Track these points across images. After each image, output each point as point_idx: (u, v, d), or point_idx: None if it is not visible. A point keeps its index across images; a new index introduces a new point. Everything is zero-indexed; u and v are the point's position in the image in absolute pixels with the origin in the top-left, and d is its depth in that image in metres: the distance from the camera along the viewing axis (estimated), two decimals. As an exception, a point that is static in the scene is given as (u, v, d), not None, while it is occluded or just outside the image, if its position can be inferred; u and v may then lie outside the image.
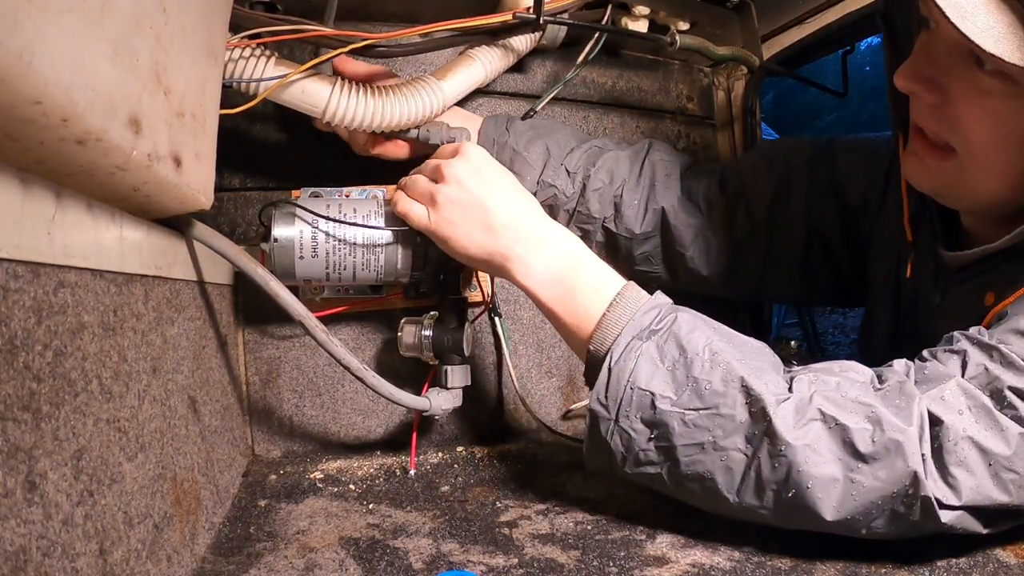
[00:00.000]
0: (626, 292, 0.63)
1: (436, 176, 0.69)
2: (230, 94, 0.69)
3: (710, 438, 0.55)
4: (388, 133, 0.80)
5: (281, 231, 0.71)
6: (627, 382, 0.57)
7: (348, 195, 0.80)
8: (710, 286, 0.91)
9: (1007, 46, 0.51)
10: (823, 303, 1.19)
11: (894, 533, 0.53)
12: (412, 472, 0.78)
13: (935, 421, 0.51)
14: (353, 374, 0.68)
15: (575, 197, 0.88)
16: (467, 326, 0.77)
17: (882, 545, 0.55)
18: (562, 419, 0.95)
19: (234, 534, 0.62)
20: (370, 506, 0.69)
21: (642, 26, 0.95)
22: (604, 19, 0.93)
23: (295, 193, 0.81)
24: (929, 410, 0.51)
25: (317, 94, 0.73)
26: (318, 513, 0.67)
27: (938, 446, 0.51)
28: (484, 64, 0.82)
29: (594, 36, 0.92)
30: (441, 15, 0.77)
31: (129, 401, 0.45)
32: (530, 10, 0.77)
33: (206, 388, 0.65)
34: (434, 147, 0.79)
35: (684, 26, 1.00)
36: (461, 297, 0.79)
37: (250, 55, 0.70)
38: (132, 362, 0.46)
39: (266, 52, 0.72)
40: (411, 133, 0.80)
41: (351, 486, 0.75)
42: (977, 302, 0.64)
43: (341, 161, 0.85)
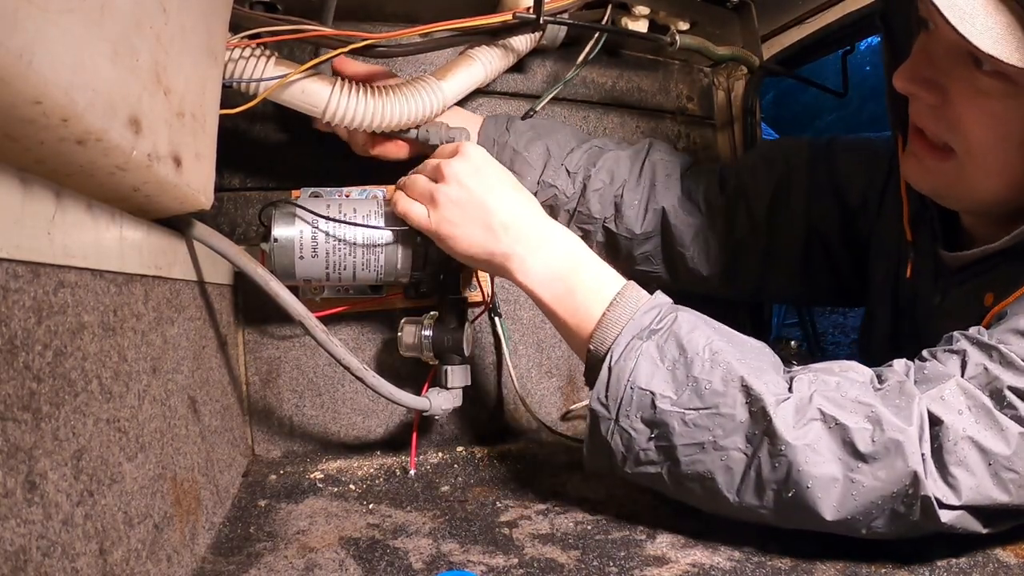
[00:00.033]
0: (626, 292, 0.63)
1: (436, 176, 0.69)
2: (230, 94, 0.69)
3: (710, 438, 0.55)
4: (387, 133, 0.80)
5: (281, 231, 0.71)
6: (627, 382, 0.58)
7: (348, 195, 0.80)
8: (710, 286, 0.91)
9: (1005, 47, 0.51)
10: (823, 303, 1.19)
11: (894, 533, 0.53)
12: (412, 472, 0.78)
13: (935, 421, 0.51)
14: (353, 374, 0.68)
15: (575, 197, 0.88)
16: (467, 326, 0.77)
17: (882, 545, 0.55)
18: (562, 419, 0.95)
19: (234, 534, 0.62)
20: (370, 506, 0.69)
21: (642, 26, 0.95)
22: (604, 19, 0.93)
23: (295, 193, 0.81)
24: (929, 410, 0.51)
25: (317, 94, 0.73)
26: (318, 513, 0.67)
27: (938, 446, 0.51)
28: (484, 64, 0.82)
29: (594, 36, 0.92)
30: (441, 15, 0.77)
31: (129, 401, 0.45)
32: (530, 10, 0.77)
33: (206, 388, 0.65)
34: (433, 147, 0.79)
35: (684, 26, 1.00)
36: (461, 297, 0.79)
37: (250, 55, 0.70)
38: (132, 362, 0.46)
39: (266, 52, 0.72)
40: (410, 133, 0.80)
41: (351, 486, 0.75)
42: (977, 302, 0.64)
43: (341, 161, 0.85)
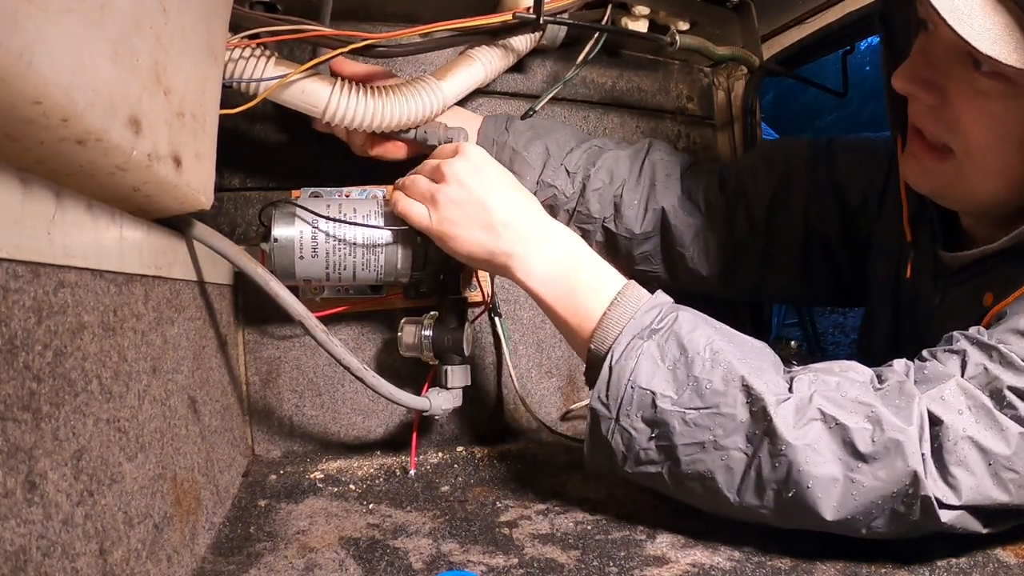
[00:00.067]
0: (627, 291, 0.63)
1: (436, 176, 0.69)
2: (230, 94, 0.69)
3: (711, 437, 0.55)
4: (386, 133, 0.80)
5: (281, 231, 0.71)
6: (628, 381, 0.58)
7: (348, 195, 0.80)
8: (710, 286, 0.91)
9: (1004, 47, 0.51)
10: (823, 303, 1.19)
11: (894, 533, 0.53)
12: (412, 472, 0.78)
13: (935, 421, 0.51)
14: (353, 374, 0.68)
15: (575, 197, 0.88)
16: (467, 326, 0.77)
17: (882, 545, 0.55)
18: (562, 419, 0.95)
19: (234, 534, 0.62)
20: (370, 506, 0.69)
21: (642, 26, 0.95)
22: (604, 19, 0.93)
23: (295, 193, 0.81)
24: (929, 410, 0.51)
25: (317, 94, 0.73)
26: (318, 513, 0.67)
27: (938, 446, 0.51)
28: (484, 64, 0.82)
29: (594, 36, 0.92)
30: (441, 15, 0.77)
31: (129, 401, 0.45)
32: (530, 10, 0.77)
33: (206, 388, 0.65)
34: (432, 147, 0.79)
35: (684, 26, 1.01)
36: (461, 297, 0.79)
37: (250, 55, 0.70)
38: (132, 362, 0.46)
39: (266, 52, 0.72)
40: (408, 134, 0.80)
41: (351, 486, 0.75)
42: (976, 302, 0.64)
43: (341, 161, 0.85)
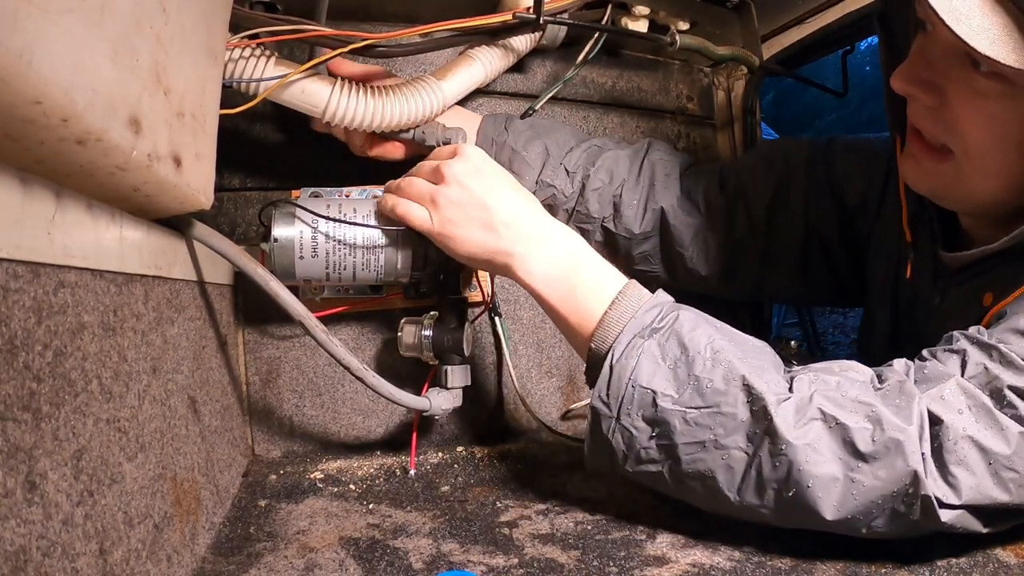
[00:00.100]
0: (628, 290, 0.63)
1: (435, 178, 0.69)
2: (230, 94, 0.69)
3: (711, 436, 0.55)
4: (384, 134, 0.80)
5: (281, 231, 0.71)
6: (628, 380, 0.58)
7: (348, 195, 0.80)
8: (709, 286, 0.91)
9: (1002, 48, 0.51)
10: (822, 303, 1.19)
11: (894, 532, 0.53)
12: (412, 472, 0.78)
13: (935, 420, 0.51)
14: (353, 374, 0.68)
15: (574, 197, 0.88)
16: (467, 326, 0.77)
17: (882, 545, 0.55)
18: (562, 419, 0.95)
19: (234, 534, 0.62)
20: (370, 506, 0.69)
21: (642, 26, 0.95)
22: (604, 19, 0.93)
23: (295, 193, 0.81)
24: (929, 409, 0.52)
25: (317, 94, 0.73)
26: (318, 513, 0.67)
27: (938, 445, 0.51)
28: (484, 64, 0.82)
29: (594, 36, 0.92)
30: (441, 15, 0.77)
31: (129, 401, 0.45)
32: (530, 10, 0.77)
33: (206, 388, 0.65)
34: (430, 148, 0.79)
35: (684, 26, 1.01)
36: (461, 297, 0.79)
37: (250, 55, 0.70)
38: (132, 362, 0.46)
39: (266, 52, 0.72)
40: (407, 134, 0.80)
41: (351, 486, 0.75)
42: (976, 302, 0.64)
43: (341, 161, 0.85)
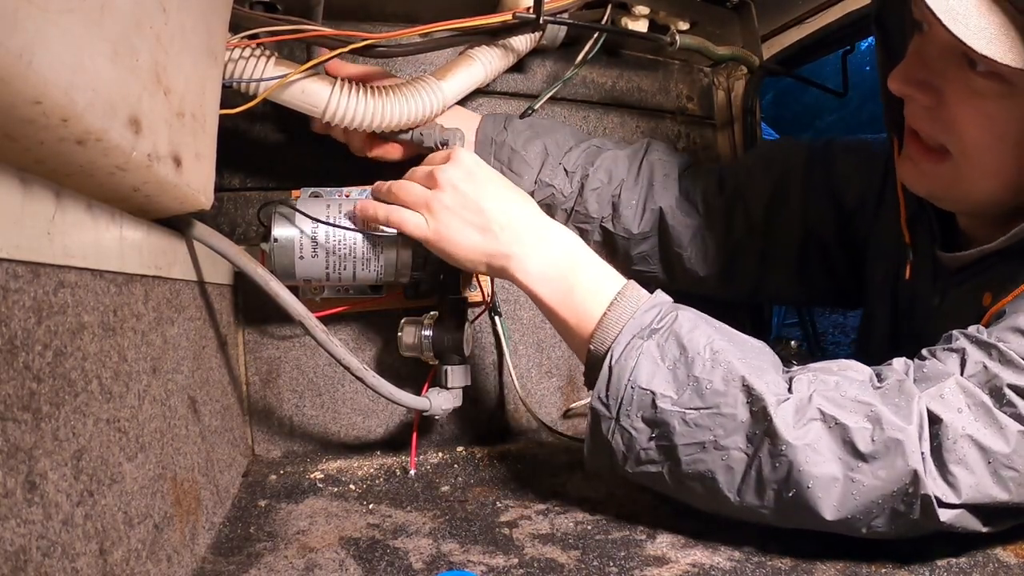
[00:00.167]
0: (626, 291, 0.63)
1: (429, 182, 0.69)
2: (230, 94, 0.69)
3: (711, 437, 0.55)
4: (382, 135, 0.80)
5: (281, 231, 0.71)
6: (628, 381, 0.57)
7: (348, 195, 0.80)
8: (707, 286, 0.91)
9: (999, 47, 0.51)
10: (821, 304, 1.19)
11: (894, 532, 0.53)
12: (412, 472, 0.78)
13: (934, 419, 0.51)
14: (353, 374, 0.68)
15: (573, 196, 0.88)
16: (467, 326, 0.77)
17: (882, 545, 0.55)
18: (562, 419, 0.95)
19: (234, 534, 0.62)
20: (370, 506, 0.69)
21: (642, 26, 0.95)
22: (604, 19, 0.93)
23: (295, 193, 0.81)
24: (928, 408, 0.52)
25: (317, 94, 0.73)
26: (318, 513, 0.67)
27: (937, 444, 0.51)
28: (484, 64, 0.82)
29: (594, 36, 0.92)
30: (441, 15, 0.77)
31: (129, 401, 0.45)
32: (530, 10, 0.77)
33: (206, 388, 0.65)
34: (429, 149, 0.79)
35: (684, 26, 1.00)
36: (461, 297, 0.79)
37: (250, 55, 0.70)
38: (132, 362, 0.46)
39: (266, 52, 0.72)
40: (405, 135, 0.80)
41: (351, 486, 0.75)
42: (975, 302, 0.64)
43: (341, 161, 0.85)
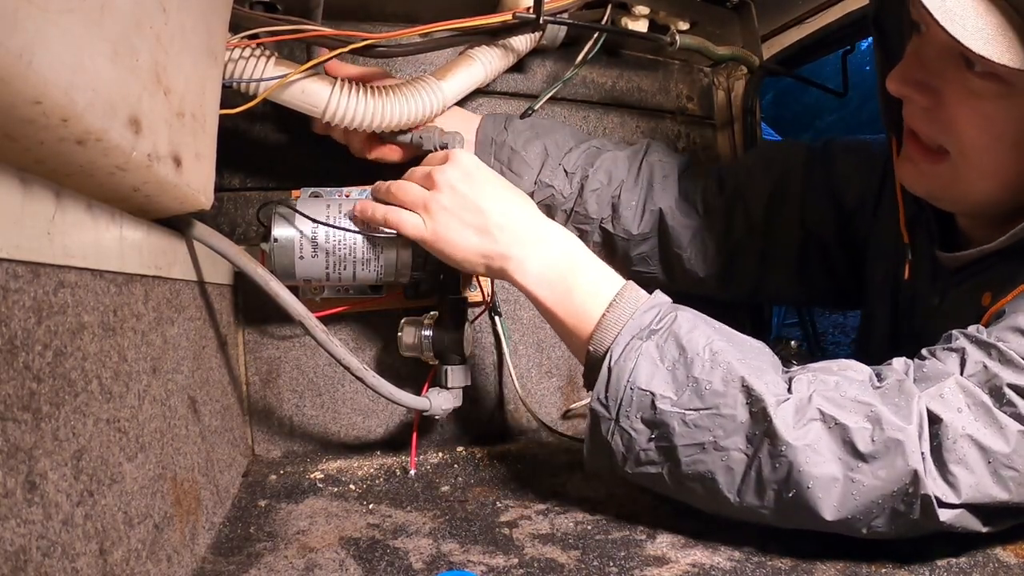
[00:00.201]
0: (625, 292, 0.63)
1: (427, 183, 0.69)
2: (230, 94, 0.69)
3: (711, 438, 0.55)
4: (382, 136, 0.80)
5: (281, 231, 0.71)
6: (627, 382, 0.57)
7: (348, 195, 0.80)
8: (707, 287, 0.91)
9: (996, 47, 0.51)
10: (820, 304, 1.19)
11: (894, 532, 0.53)
12: (412, 472, 0.78)
13: (934, 419, 0.51)
14: (353, 374, 0.68)
15: (573, 197, 0.88)
16: (467, 326, 0.77)
17: (882, 545, 0.55)
18: (562, 419, 0.95)
19: (234, 534, 0.62)
20: (370, 506, 0.69)
21: (642, 26, 0.95)
22: (604, 19, 0.93)
23: (295, 193, 0.81)
24: (928, 408, 0.52)
25: (317, 94, 0.73)
26: (318, 513, 0.67)
27: (937, 444, 0.51)
28: (484, 64, 0.82)
29: (594, 36, 0.92)
30: (441, 15, 0.77)
31: (129, 401, 0.45)
32: (530, 10, 0.77)
33: (206, 388, 0.65)
34: (428, 152, 0.79)
35: (684, 26, 1.00)
36: (461, 297, 0.79)
37: (250, 55, 0.70)
38: (132, 362, 0.46)
39: (266, 52, 0.72)
40: (404, 137, 0.80)
41: (351, 486, 0.75)
42: (975, 302, 0.64)
43: (341, 161, 0.85)
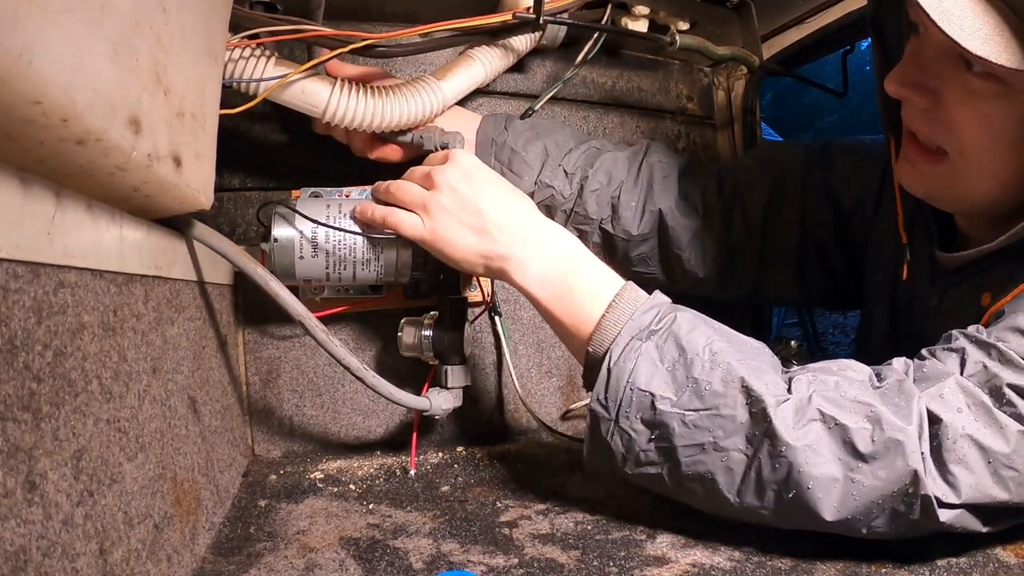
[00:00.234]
0: (625, 292, 0.63)
1: (426, 183, 0.69)
2: (230, 94, 0.69)
3: (711, 439, 0.55)
4: (383, 136, 0.80)
5: (281, 231, 0.71)
6: (627, 382, 0.57)
7: (348, 195, 0.80)
8: (706, 288, 0.91)
9: (994, 47, 0.51)
10: (819, 305, 1.19)
11: (894, 532, 0.53)
12: (412, 472, 0.78)
13: (934, 419, 0.51)
14: (353, 374, 0.68)
15: (573, 198, 0.88)
16: (467, 326, 0.77)
17: (882, 545, 0.55)
18: (562, 419, 0.95)
19: (234, 534, 0.62)
20: (370, 506, 0.69)
21: (642, 26, 0.95)
22: (604, 19, 0.93)
23: (295, 193, 0.81)
24: (928, 408, 0.52)
25: (317, 94, 0.73)
26: (318, 513, 0.67)
27: (937, 444, 0.51)
28: (484, 64, 0.82)
29: (594, 36, 0.92)
30: (441, 15, 0.77)
31: (129, 401, 0.45)
32: (530, 10, 0.77)
33: (206, 388, 0.65)
34: (428, 152, 0.79)
35: (684, 26, 1.00)
36: (461, 297, 0.79)
37: (250, 55, 0.70)
38: (132, 362, 0.46)
39: (266, 52, 0.72)
40: (405, 137, 0.80)
41: (351, 486, 0.75)
42: (974, 303, 0.64)
43: (341, 161, 0.85)
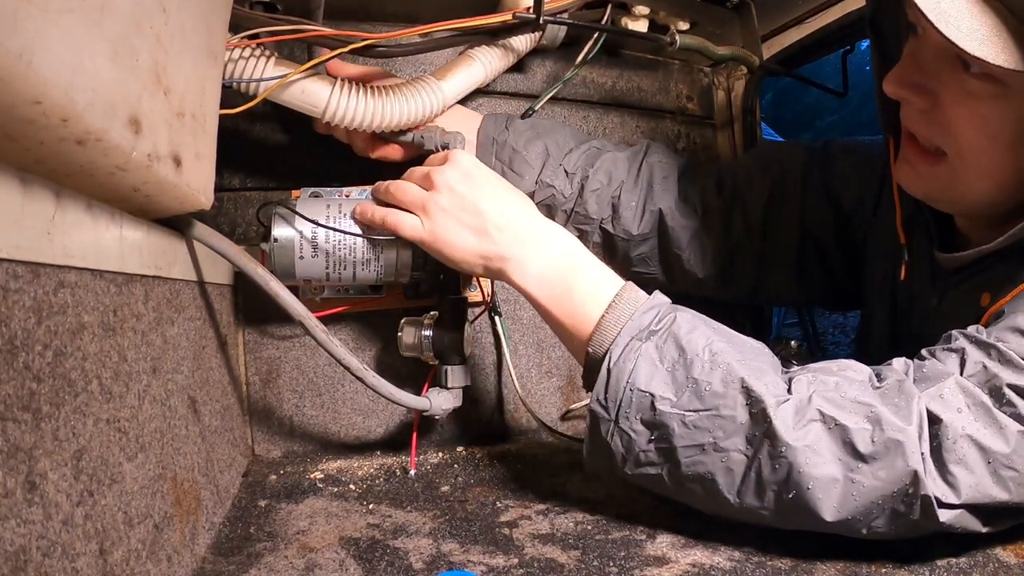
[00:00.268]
0: (625, 292, 0.63)
1: (426, 184, 0.69)
2: (230, 94, 0.69)
3: (710, 439, 0.55)
4: (383, 135, 0.80)
5: (281, 231, 0.71)
6: (626, 383, 0.57)
7: (348, 195, 0.80)
8: (706, 288, 0.91)
9: (991, 48, 0.51)
10: (819, 305, 1.19)
11: (894, 533, 0.53)
12: (412, 472, 0.78)
13: (934, 419, 0.51)
14: (353, 374, 0.68)
15: (573, 198, 0.88)
16: (467, 326, 0.77)
17: (882, 545, 0.55)
18: (562, 419, 0.95)
19: (234, 534, 0.62)
20: (370, 506, 0.69)
21: (642, 26, 0.95)
22: (604, 19, 0.93)
23: (295, 193, 0.81)
24: (928, 408, 0.52)
25: (317, 94, 0.73)
26: (318, 513, 0.67)
27: (937, 444, 0.51)
28: (484, 64, 0.82)
29: (594, 36, 0.92)
30: (441, 15, 0.77)
31: (129, 401, 0.45)
32: (530, 10, 0.77)
33: (206, 388, 0.65)
34: (430, 152, 0.79)
35: (684, 26, 1.00)
36: (461, 297, 0.79)
37: (250, 55, 0.70)
38: (132, 362, 0.46)
39: (266, 52, 0.72)
40: (406, 137, 0.80)
41: (351, 486, 0.75)
42: (974, 303, 0.64)
43: (341, 161, 0.85)
